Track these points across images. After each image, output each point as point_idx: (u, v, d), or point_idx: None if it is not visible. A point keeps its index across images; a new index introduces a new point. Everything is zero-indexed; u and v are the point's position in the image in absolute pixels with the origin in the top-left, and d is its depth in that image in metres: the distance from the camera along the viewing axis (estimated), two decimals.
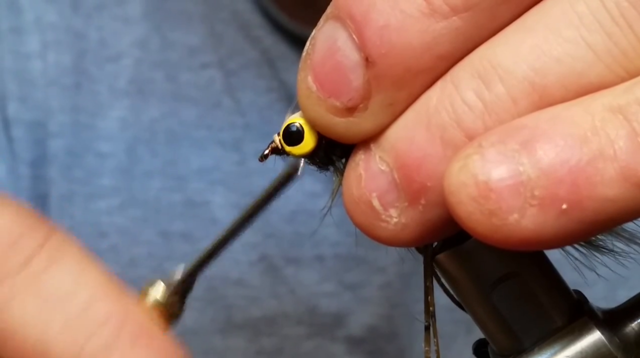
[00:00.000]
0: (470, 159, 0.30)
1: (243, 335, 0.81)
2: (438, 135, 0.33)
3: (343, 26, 0.33)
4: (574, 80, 0.31)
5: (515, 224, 0.30)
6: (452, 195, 0.31)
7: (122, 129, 0.81)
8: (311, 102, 0.34)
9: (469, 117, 0.32)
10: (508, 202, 0.30)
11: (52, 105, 0.81)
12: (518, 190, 0.30)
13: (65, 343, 0.37)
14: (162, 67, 0.82)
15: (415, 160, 0.33)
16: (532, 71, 0.32)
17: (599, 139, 0.30)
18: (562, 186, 0.30)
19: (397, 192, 0.33)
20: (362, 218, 0.34)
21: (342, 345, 0.81)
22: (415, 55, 0.32)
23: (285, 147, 0.37)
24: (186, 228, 0.82)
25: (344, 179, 0.35)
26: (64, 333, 0.37)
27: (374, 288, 0.81)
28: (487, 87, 0.32)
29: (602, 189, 0.30)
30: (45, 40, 0.82)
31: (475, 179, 0.30)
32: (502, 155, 0.30)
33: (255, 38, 0.81)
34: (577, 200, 0.30)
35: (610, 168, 0.30)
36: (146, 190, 0.82)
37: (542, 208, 0.30)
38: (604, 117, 0.30)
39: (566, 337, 0.36)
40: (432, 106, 0.33)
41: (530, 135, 0.30)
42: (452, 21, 0.32)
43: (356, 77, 0.33)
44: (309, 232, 0.80)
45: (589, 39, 0.31)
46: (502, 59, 0.32)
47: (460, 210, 0.31)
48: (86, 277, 0.38)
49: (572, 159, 0.30)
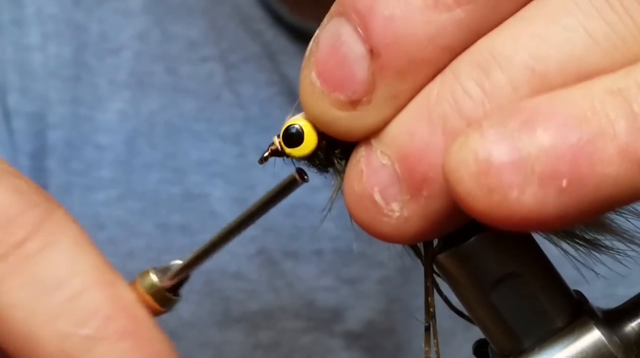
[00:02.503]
0: (471, 138, 0.31)
1: (240, 328, 0.81)
2: (439, 125, 0.33)
3: (348, 20, 0.33)
4: (573, 66, 0.32)
5: (515, 201, 0.30)
6: (451, 174, 0.31)
7: (121, 121, 0.81)
8: (314, 98, 0.34)
9: (470, 105, 0.32)
10: (508, 178, 0.30)
11: (52, 97, 0.81)
12: (518, 166, 0.30)
13: (52, 332, 0.37)
14: (163, 60, 0.82)
15: (416, 151, 0.33)
16: (532, 58, 0.32)
17: (599, 119, 0.30)
18: (563, 163, 0.30)
19: (399, 185, 0.33)
20: (364, 214, 0.34)
21: (339, 339, 0.81)
22: (419, 46, 0.33)
23: (285, 149, 0.37)
24: (185, 221, 0.82)
25: (346, 178, 0.35)
26: (51, 321, 0.37)
27: (373, 283, 0.81)
28: (486, 75, 0.32)
29: (602, 167, 0.30)
30: (46, 33, 0.82)
31: (476, 156, 0.30)
32: (502, 134, 0.30)
33: (256, 31, 0.81)
34: (577, 177, 0.30)
35: (610, 146, 0.30)
36: (145, 182, 0.82)
37: (542, 184, 0.30)
38: (604, 99, 0.30)
39: (566, 337, 0.36)
40: (433, 97, 0.33)
41: (530, 115, 0.30)
42: (456, 13, 0.33)
43: (361, 70, 0.33)
44: (308, 226, 0.80)
45: (588, 25, 0.32)
46: (501, 48, 0.32)
47: (460, 188, 0.30)
48: (80, 263, 0.38)
49: (572, 136, 0.30)
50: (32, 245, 0.37)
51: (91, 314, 0.37)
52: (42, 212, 0.38)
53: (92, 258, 0.38)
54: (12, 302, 0.37)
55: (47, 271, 0.37)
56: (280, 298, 0.81)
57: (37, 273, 0.37)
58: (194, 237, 0.81)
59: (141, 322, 0.38)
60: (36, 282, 0.37)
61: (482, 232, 0.35)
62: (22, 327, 0.37)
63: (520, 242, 0.36)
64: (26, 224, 0.38)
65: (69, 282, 0.37)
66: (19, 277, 0.37)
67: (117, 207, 0.81)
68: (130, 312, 0.38)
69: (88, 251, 0.38)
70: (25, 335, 0.37)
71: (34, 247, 0.37)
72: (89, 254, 0.38)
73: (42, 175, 0.81)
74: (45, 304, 0.37)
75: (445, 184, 0.31)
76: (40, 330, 0.37)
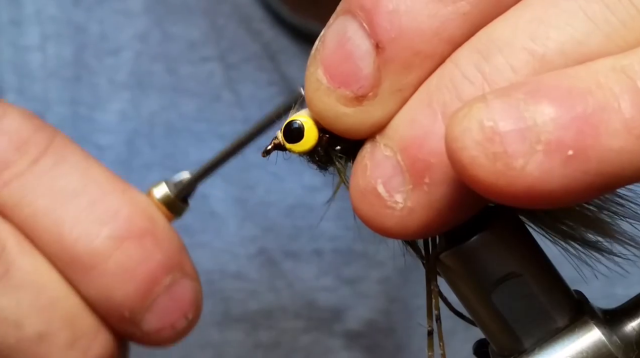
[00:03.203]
0: (475, 107, 0.30)
1: (241, 328, 0.81)
2: (439, 111, 0.33)
3: (353, 17, 0.34)
4: (573, 48, 0.32)
5: (520, 170, 0.30)
6: (455, 141, 0.30)
7: (121, 121, 0.81)
8: (320, 94, 0.35)
9: (470, 89, 0.32)
10: (514, 146, 0.30)
11: (51, 98, 0.81)
12: (524, 134, 0.30)
13: (79, 233, 0.42)
14: (163, 60, 0.82)
15: (417, 138, 0.33)
16: (531, 40, 0.32)
17: (604, 93, 0.30)
18: (568, 132, 0.30)
19: (402, 175, 0.34)
20: (368, 208, 0.34)
21: (339, 339, 0.81)
22: (424, 39, 0.33)
23: (286, 144, 0.37)
24: (185, 221, 0.82)
25: (352, 175, 0.35)
26: (77, 224, 0.41)
27: (373, 282, 0.81)
28: (486, 59, 0.32)
29: (606, 139, 0.30)
30: (45, 33, 0.81)
31: (481, 124, 0.30)
32: (508, 104, 0.30)
33: (256, 31, 0.81)
34: (582, 147, 0.30)
35: (615, 119, 0.30)
36: (145, 182, 0.82)
37: (547, 153, 0.30)
38: (608, 74, 0.30)
39: (567, 337, 0.36)
40: (433, 86, 0.33)
41: (535, 87, 0.30)
42: (460, 5, 0.33)
43: (366, 65, 0.34)
44: (308, 225, 0.80)
45: (588, 9, 0.32)
46: (501, 32, 0.33)
47: (464, 156, 0.30)
48: (92, 174, 0.43)
49: (577, 107, 0.30)
50: (46, 161, 0.42)
51: (112, 216, 0.42)
52: (49, 133, 0.42)
53: (102, 169, 0.43)
54: (39, 210, 0.41)
55: (64, 182, 0.42)
56: (280, 298, 0.81)
57: (55, 184, 0.42)
58: (194, 237, 0.81)
59: (158, 222, 0.44)
60: (57, 192, 0.42)
61: (483, 232, 0.35)
62: (52, 232, 0.41)
63: (521, 242, 0.36)
64: (38, 144, 0.42)
65: (86, 189, 0.42)
66: (40, 189, 0.41)
67: None
68: (147, 213, 0.43)
69: (96, 164, 0.44)
70: (55, 240, 0.41)
71: (48, 163, 0.42)
72: (98, 167, 0.43)
73: None
74: (69, 209, 0.42)
75: (448, 160, 0.31)
76: (68, 233, 0.41)
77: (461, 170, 0.30)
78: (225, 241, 0.80)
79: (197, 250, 0.83)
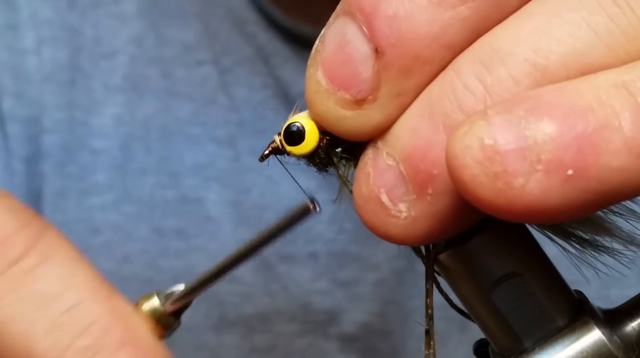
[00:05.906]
0: (476, 124, 0.30)
1: (236, 331, 0.81)
2: (441, 122, 0.33)
3: (353, 20, 0.34)
4: (575, 59, 0.32)
5: (520, 189, 0.30)
6: (456, 159, 0.30)
7: (116, 125, 0.81)
8: (320, 97, 0.34)
9: (471, 100, 0.32)
10: (514, 165, 0.30)
11: (47, 101, 0.81)
12: (524, 153, 0.30)
13: (51, 343, 0.37)
14: (157, 64, 0.82)
15: (419, 149, 0.33)
16: (534, 52, 0.32)
17: (605, 110, 0.30)
18: (568, 152, 0.30)
19: (405, 185, 0.34)
20: (372, 216, 0.34)
21: (335, 342, 0.81)
22: (423, 44, 0.33)
23: (286, 146, 0.37)
24: (180, 225, 0.82)
25: (355, 181, 0.35)
26: (50, 332, 0.37)
27: (368, 285, 0.81)
28: (488, 70, 0.32)
29: (607, 158, 0.30)
30: (41, 37, 0.81)
31: (481, 142, 0.30)
32: (508, 121, 0.30)
33: (250, 35, 0.81)
34: (582, 167, 0.30)
35: (615, 138, 0.30)
36: (140, 186, 0.82)
37: (547, 173, 0.30)
38: (609, 91, 0.30)
39: (567, 337, 0.36)
40: (434, 95, 0.33)
41: (536, 103, 0.30)
42: (460, 11, 0.33)
43: (366, 69, 0.33)
44: (303, 229, 0.80)
45: (590, 20, 0.32)
46: (503, 43, 0.32)
47: (465, 174, 0.30)
48: (75, 277, 0.38)
49: (578, 125, 0.30)
50: (28, 262, 0.38)
51: (89, 325, 0.37)
52: (35, 230, 0.39)
53: (87, 272, 0.39)
54: (12, 315, 0.37)
55: (44, 285, 0.38)
56: (276, 301, 0.81)
57: (34, 288, 0.38)
58: (189, 241, 0.81)
59: (138, 333, 0.39)
60: (34, 296, 0.38)
61: (484, 232, 0.36)
62: (22, 339, 0.37)
63: (521, 241, 0.36)
64: (22, 242, 0.38)
65: (65, 294, 0.38)
66: (17, 292, 0.38)
67: (113, 211, 0.81)
68: (128, 323, 0.38)
69: (82, 266, 0.39)
70: (25, 348, 0.37)
71: (30, 263, 0.38)
72: (83, 269, 0.39)
73: (37, 179, 0.81)
74: (43, 316, 0.37)
75: (449, 176, 0.31)
76: (40, 342, 0.37)
77: (462, 187, 0.31)
78: (220, 244, 0.80)
79: (192, 254, 0.83)
